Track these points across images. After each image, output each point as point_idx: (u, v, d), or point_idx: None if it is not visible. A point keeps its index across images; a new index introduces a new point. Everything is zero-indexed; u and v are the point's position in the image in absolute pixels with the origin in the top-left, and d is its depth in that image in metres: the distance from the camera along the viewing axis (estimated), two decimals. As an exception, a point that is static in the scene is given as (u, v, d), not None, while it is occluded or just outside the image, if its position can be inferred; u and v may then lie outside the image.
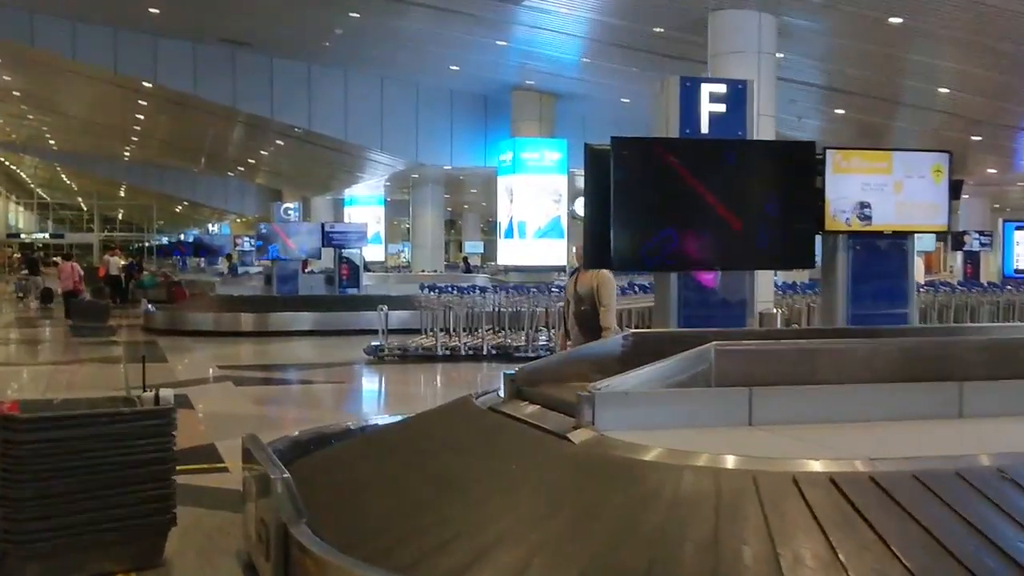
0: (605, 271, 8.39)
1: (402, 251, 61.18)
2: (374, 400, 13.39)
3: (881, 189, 7.56)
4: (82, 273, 27.38)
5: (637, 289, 17.98)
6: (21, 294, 32.77)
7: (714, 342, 5.14)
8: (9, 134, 47.82)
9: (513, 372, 5.91)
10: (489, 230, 62.81)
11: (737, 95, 7.22)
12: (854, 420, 4.94)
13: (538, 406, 5.45)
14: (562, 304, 9.99)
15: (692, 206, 6.87)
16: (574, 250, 9.00)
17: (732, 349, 5.16)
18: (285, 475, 4.57)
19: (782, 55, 16.66)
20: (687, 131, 7.13)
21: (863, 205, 7.52)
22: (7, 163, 64.44)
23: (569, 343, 8.66)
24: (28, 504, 4.89)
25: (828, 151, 7.53)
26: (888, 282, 7.69)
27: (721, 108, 7.18)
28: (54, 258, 58.41)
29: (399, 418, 6.86)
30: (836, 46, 18.08)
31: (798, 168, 7.22)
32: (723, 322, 7.07)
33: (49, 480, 4.96)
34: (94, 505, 5.08)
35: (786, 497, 3.86)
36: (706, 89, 7.17)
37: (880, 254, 7.66)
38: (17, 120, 41.86)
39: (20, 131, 46.00)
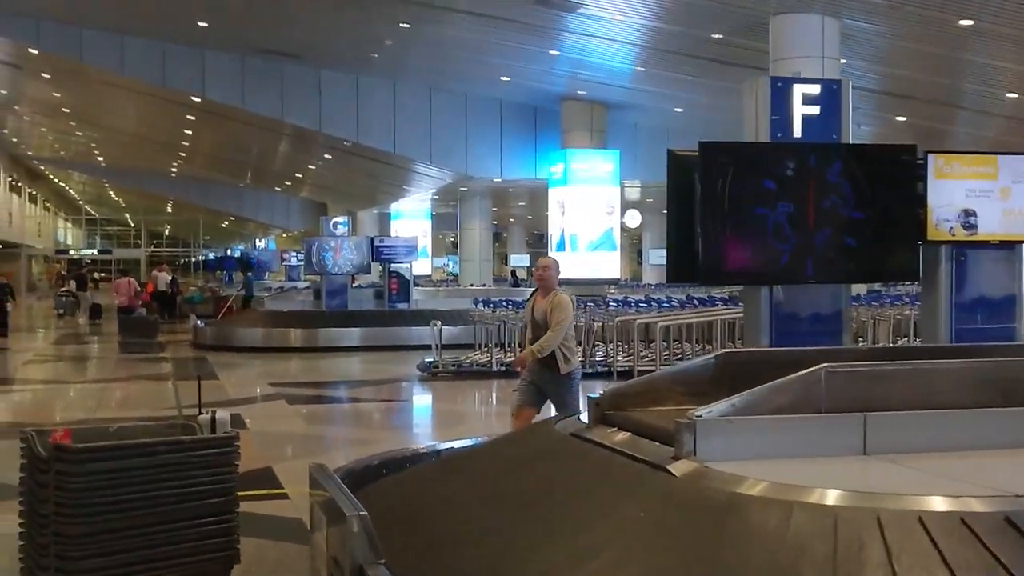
0: (563, 294, 7.70)
1: (447, 264, 61.08)
2: (434, 419, 12.99)
3: (987, 195, 7.03)
4: (138, 289, 27.52)
5: (696, 303, 17.54)
6: (62, 311, 32.55)
7: (825, 363, 4.69)
8: (58, 151, 48.20)
9: (597, 395, 5.49)
10: (534, 242, 62.51)
11: (831, 96, 6.75)
12: (981, 448, 4.47)
13: (628, 433, 5.02)
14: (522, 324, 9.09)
15: (785, 215, 6.39)
16: (534, 269, 8.33)
17: (844, 371, 4.71)
18: (362, 513, 4.17)
19: (844, 60, 16.15)
20: (779, 135, 6.67)
21: (967, 213, 7.00)
22: (56, 180, 65.11)
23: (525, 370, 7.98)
24: (82, 541, 4.53)
25: (929, 155, 7.01)
26: (994, 295, 7.16)
27: (814, 110, 6.70)
28: (100, 273, 58.74)
29: (472, 442, 6.46)
30: (899, 49, 17.54)
31: (899, 174, 6.73)
32: (814, 339, 6.58)
33: (105, 515, 4.60)
34: (152, 541, 4.71)
35: (918, 539, 3.39)
36: (798, 90, 6.70)
37: (986, 265, 7.14)
38: (66, 136, 42.13)
39: (69, 147, 46.33)
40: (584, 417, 5.55)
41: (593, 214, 25.13)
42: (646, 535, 3.88)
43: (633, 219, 33.67)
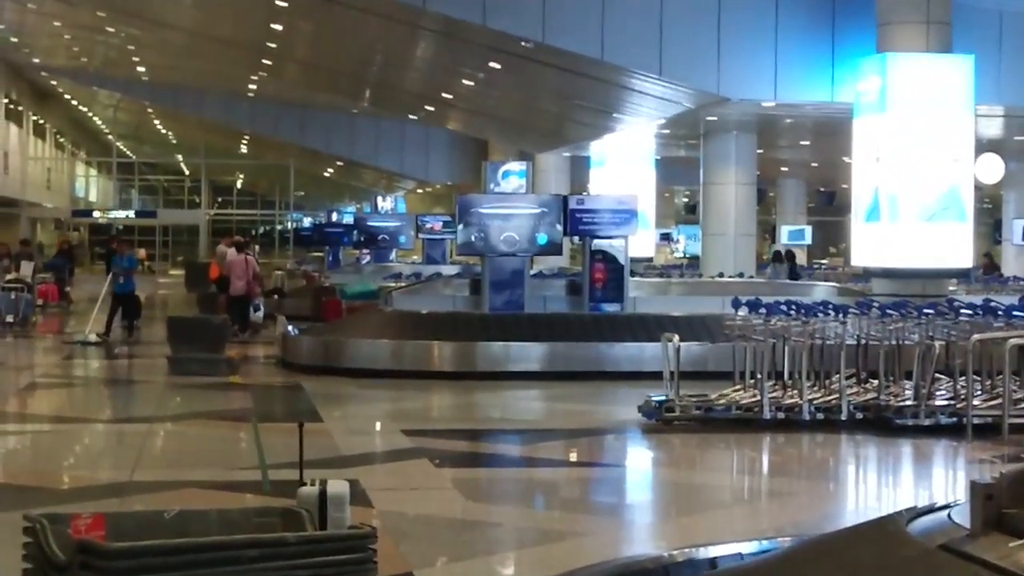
0: None
1: (676, 240, 60.91)
2: (673, 501, 12.74)
3: None
4: (257, 270, 28.31)
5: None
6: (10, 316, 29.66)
7: None
8: (78, 55, 49.81)
9: (987, 482, 5.07)
10: (820, 206, 61.77)
11: None
12: None
13: (1049, 551, 4.59)
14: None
15: None
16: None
17: None
18: None
19: None
20: None
21: None
22: (75, 102, 67.49)
23: None
24: None
25: None
26: None
27: None
28: (139, 248, 60.44)
29: (756, 547, 6.12)
30: None
31: None
32: None
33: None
34: None
35: None
36: None
37: None
38: (90, 35, 43.54)
39: (94, 52, 47.94)
40: (960, 516, 5.16)
41: (928, 162, 24.45)
42: None
43: (991, 170, 32.64)
